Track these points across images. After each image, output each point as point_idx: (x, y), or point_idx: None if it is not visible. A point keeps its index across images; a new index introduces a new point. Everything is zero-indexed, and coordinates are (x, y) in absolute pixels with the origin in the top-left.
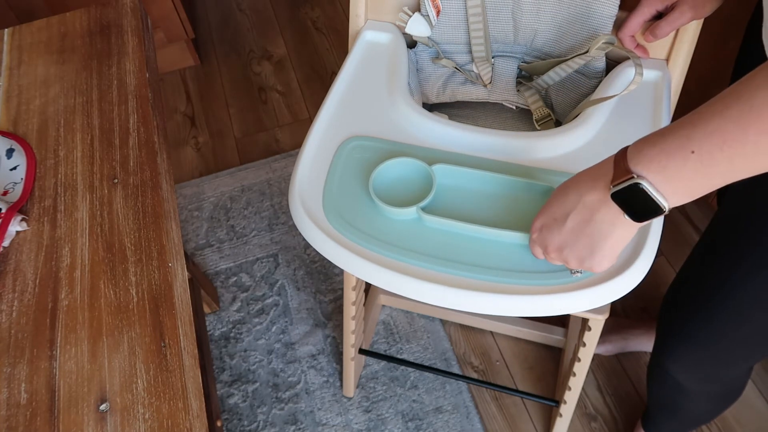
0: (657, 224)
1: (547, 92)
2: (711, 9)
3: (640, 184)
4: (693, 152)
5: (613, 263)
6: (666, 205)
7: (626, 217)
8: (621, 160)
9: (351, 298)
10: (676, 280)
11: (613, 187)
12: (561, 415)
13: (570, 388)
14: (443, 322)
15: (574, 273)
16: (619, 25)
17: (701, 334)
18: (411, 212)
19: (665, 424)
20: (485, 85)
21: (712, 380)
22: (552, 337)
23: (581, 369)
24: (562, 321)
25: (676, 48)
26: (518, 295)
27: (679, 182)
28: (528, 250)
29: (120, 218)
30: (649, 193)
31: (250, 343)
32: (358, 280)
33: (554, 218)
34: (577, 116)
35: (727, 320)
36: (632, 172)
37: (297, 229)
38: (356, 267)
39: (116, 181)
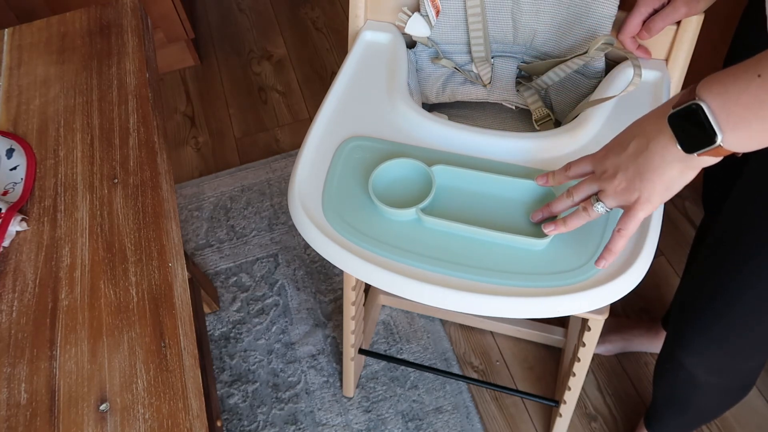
0: (656, 224)
1: (546, 92)
2: (705, 5)
3: (698, 104)
4: (759, 75)
5: (655, 207)
6: (719, 135)
7: (678, 147)
8: (690, 89)
9: (351, 298)
10: (689, 275)
11: (672, 109)
12: (561, 415)
13: (570, 388)
14: (443, 322)
15: (599, 209)
16: (618, 25)
17: (715, 328)
18: (410, 213)
19: (672, 422)
20: (485, 85)
21: (727, 373)
22: (552, 337)
23: (581, 369)
24: (562, 321)
25: (676, 48)
26: (518, 296)
27: (738, 109)
28: (527, 252)
29: (120, 218)
30: (706, 115)
31: (250, 343)
32: (357, 280)
33: (619, 143)
34: (576, 117)
35: (738, 318)
36: (695, 94)
37: (297, 229)
38: (355, 268)
39: (116, 181)
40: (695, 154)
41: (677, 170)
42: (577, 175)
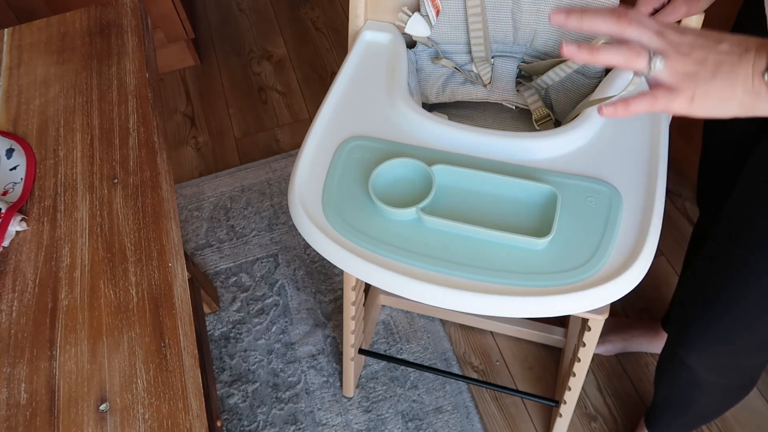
0: (656, 224)
1: (546, 92)
2: (705, 4)
3: None
4: None
5: (693, 112)
6: None
7: (765, 78)
8: None
9: (351, 298)
10: (687, 274)
11: None
12: (561, 415)
13: (570, 388)
14: (443, 322)
15: (651, 65)
16: None
17: (718, 326)
18: (410, 213)
19: (673, 422)
20: (485, 85)
21: (729, 372)
22: (552, 337)
23: (581, 369)
24: (562, 321)
25: None
26: (518, 296)
27: None
28: (528, 251)
29: (120, 218)
30: None
31: (250, 343)
32: (357, 280)
33: (711, 35)
34: (576, 116)
35: (741, 315)
36: None
37: (297, 229)
38: (355, 267)
39: (116, 181)
40: None
41: (741, 100)
42: (637, 32)
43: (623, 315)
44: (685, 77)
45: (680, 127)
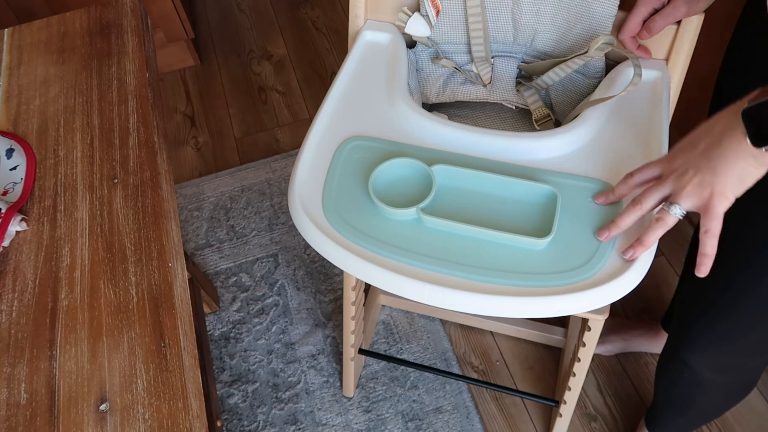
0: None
1: (546, 92)
2: (705, 4)
3: None
4: None
5: (731, 201)
6: None
7: (747, 141)
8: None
9: (351, 298)
10: (688, 275)
11: (748, 103)
12: (561, 415)
13: (570, 388)
14: (443, 322)
15: (672, 210)
16: (618, 25)
17: (720, 326)
18: (411, 213)
19: (673, 422)
20: (485, 85)
21: (730, 371)
22: (552, 337)
23: (581, 369)
24: (562, 321)
25: (676, 48)
26: (518, 296)
27: None
28: (528, 251)
29: (120, 218)
30: None
31: (250, 343)
32: (357, 280)
33: (689, 143)
34: (576, 116)
35: (744, 315)
36: None
37: (297, 229)
38: (355, 267)
39: (116, 181)
40: (763, 149)
41: (751, 165)
42: (642, 181)
43: (623, 315)
44: (700, 189)
45: (680, 127)
